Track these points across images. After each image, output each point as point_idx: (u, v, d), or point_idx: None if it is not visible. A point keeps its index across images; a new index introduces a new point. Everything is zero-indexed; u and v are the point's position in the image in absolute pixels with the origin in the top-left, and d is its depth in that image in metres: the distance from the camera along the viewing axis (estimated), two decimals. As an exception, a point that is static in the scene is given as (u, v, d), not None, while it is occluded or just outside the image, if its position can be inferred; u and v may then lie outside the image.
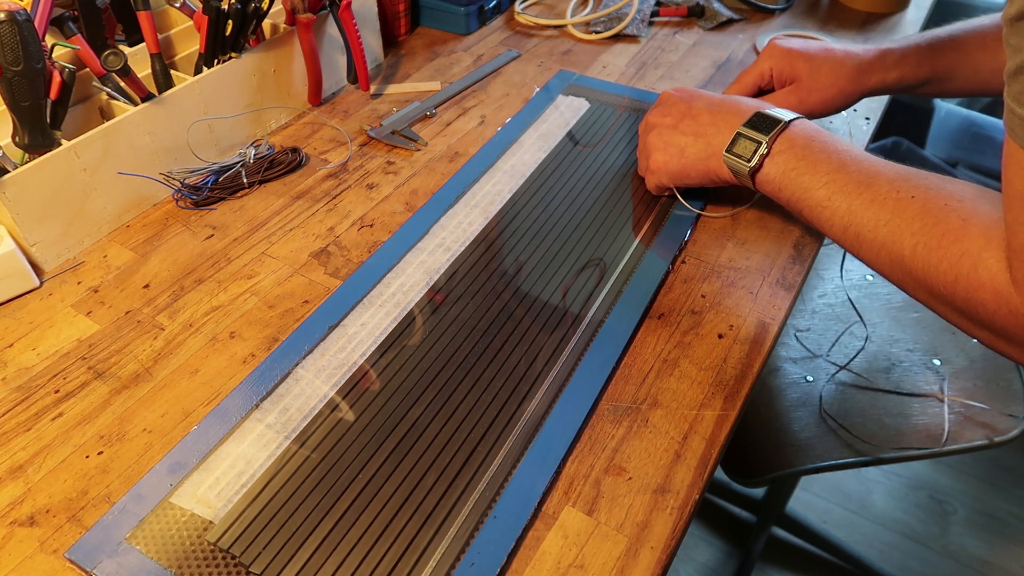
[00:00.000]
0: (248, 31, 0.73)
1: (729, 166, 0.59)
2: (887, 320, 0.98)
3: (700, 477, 0.47)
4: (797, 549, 1.32)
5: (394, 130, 0.78)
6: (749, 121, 0.58)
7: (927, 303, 0.49)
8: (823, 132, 0.56)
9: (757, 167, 0.57)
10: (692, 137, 0.62)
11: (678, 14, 1.00)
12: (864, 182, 0.51)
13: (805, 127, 0.57)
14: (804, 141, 0.55)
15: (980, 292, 0.43)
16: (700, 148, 0.62)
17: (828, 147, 0.55)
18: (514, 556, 0.43)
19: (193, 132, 0.70)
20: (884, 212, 0.49)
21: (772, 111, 0.58)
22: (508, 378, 0.53)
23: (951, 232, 0.45)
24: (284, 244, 0.65)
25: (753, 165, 0.57)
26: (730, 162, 0.59)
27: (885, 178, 0.50)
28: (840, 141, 0.55)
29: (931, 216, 0.46)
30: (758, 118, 0.58)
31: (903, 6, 1.01)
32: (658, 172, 0.65)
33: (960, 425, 0.85)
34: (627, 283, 0.60)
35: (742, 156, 0.58)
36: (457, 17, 0.97)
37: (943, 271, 0.45)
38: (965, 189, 0.47)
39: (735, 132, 0.59)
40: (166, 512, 0.45)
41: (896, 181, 0.50)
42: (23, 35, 0.56)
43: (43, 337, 0.57)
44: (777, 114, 0.58)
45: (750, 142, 0.57)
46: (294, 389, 0.52)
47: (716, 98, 0.64)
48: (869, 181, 0.51)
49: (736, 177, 0.60)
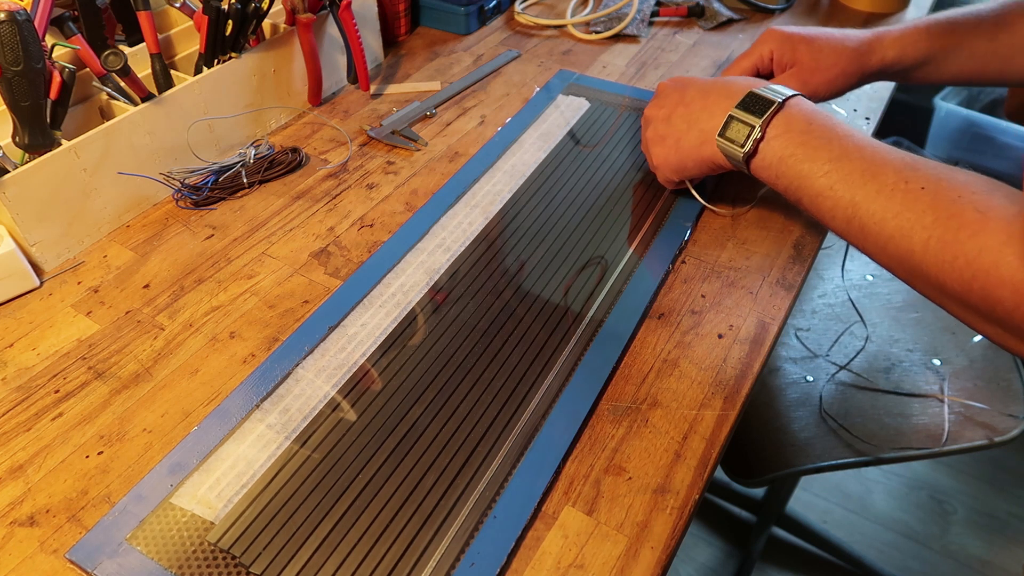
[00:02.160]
0: (248, 31, 0.73)
1: (723, 151, 0.56)
2: (887, 320, 0.98)
3: (700, 477, 0.47)
4: (797, 549, 1.32)
5: (394, 130, 0.78)
6: (742, 102, 0.55)
7: (934, 298, 0.47)
8: (821, 113, 0.53)
9: (751, 152, 0.54)
10: (686, 125, 0.60)
11: (678, 14, 1.00)
12: (869, 171, 0.48)
13: (803, 107, 0.53)
14: (802, 124, 0.52)
15: (999, 290, 0.41)
16: (694, 136, 0.59)
17: (829, 131, 0.51)
18: (514, 556, 0.43)
19: (193, 132, 0.70)
20: (892, 204, 0.46)
21: (766, 90, 0.55)
22: (508, 378, 0.53)
23: (968, 226, 0.42)
24: (284, 244, 0.65)
25: (747, 150, 0.54)
26: (723, 147, 0.56)
27: (892, 167, 0.47)
28: (840, 124, 0.52)
29: (944, 209, 0.44)
30: (751, 99, 0.55)
31: (903, 6, 1.01)
32: (660, 167, 0.64)
33: (960, 425, 0.85)
34: (627, 283, 0.60)
35: (735, 140, 0.54)
36: (457, 17, 0.97)
37: (959, 267, 0.42)
38: (977, 180, 0.45)
39: (727, 115, 0.56)
40: (167, 513, 0.45)
41: (904, 171, 0.47)
42: (23, 35, 0.56)
43: (43, 337, 0.57)
44: (771, 94, 0.54)
45: (743, 125, 0.54)
46: (294, 389, 0.52)
47: (708, 81, 0.61)
48: (875, 170, 0.48)
49: (731, 163, 0.57)
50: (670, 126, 0.61)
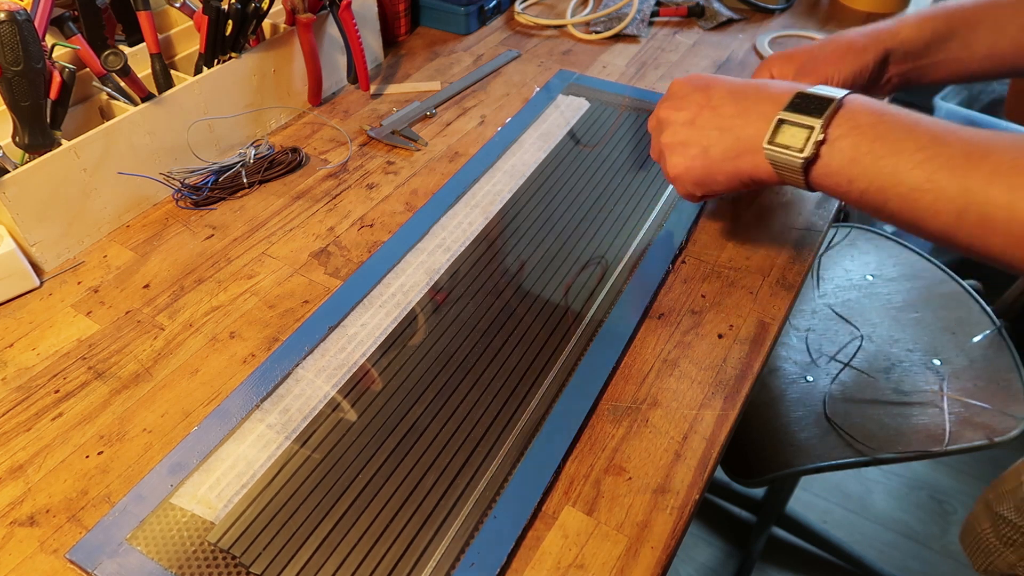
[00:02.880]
0: (248, 31, 0.73)
1: (773, 161, 0.49)
2: (887, 320, 0.98)
3: (700, 477, 0.47)
4: (797, 549, 1.32)
5: (394, 130, 0.78)
6: (792, 104, 0.48)
7: None
8: (886, 104, 0.46)
9: (812, 158, 0.47)
10: (716, 132, 0.52)
11: (678, 14, 1.00)
12: (974, 153, 0.41)
13: (864, 102, 0.47)
14: (870, 117, 0.45)
15: None
16: (727, 145, 0.51)
17: (905, 118, 0.44)
18: (514, 556, 0.43)
19: (193, 132, 0.70)
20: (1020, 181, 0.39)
21: (816, 89, 0.48)
22: (508, 378, 0.53)
23: None
24: (284, 244, 0.65)
25: (807, 155, 0.47)
26: (775, 156, 0.48)
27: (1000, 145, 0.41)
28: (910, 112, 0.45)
29: None
30: (802, 99, 0.48)
31: (903, 6, 1.01)
32: (680, 179, 0.55)
33: (960, 425, 0.85)
34: (627, 283, 0.60)
35: (791, 147, 0.47)
36: (457, 17, 0.97)
37: None
38: None
39: (774, 119, 0.48)
40: (167, 513, 0.45)
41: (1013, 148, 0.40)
42: (23, 35, 0.56)
43: (43, 337, 0.57)
44: (824, 91, 0.47)
45: (798, 128, 0.47)
46: (294, 389, 0.52)
47: (738, 83, 0.53)
48: (981, 151, 0.41)
49: (780, 175, 0.50)
50: (695, 131, 0.53)
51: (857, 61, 0.59)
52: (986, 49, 0.59)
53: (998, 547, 0.65)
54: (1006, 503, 0.65)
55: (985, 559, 0.67)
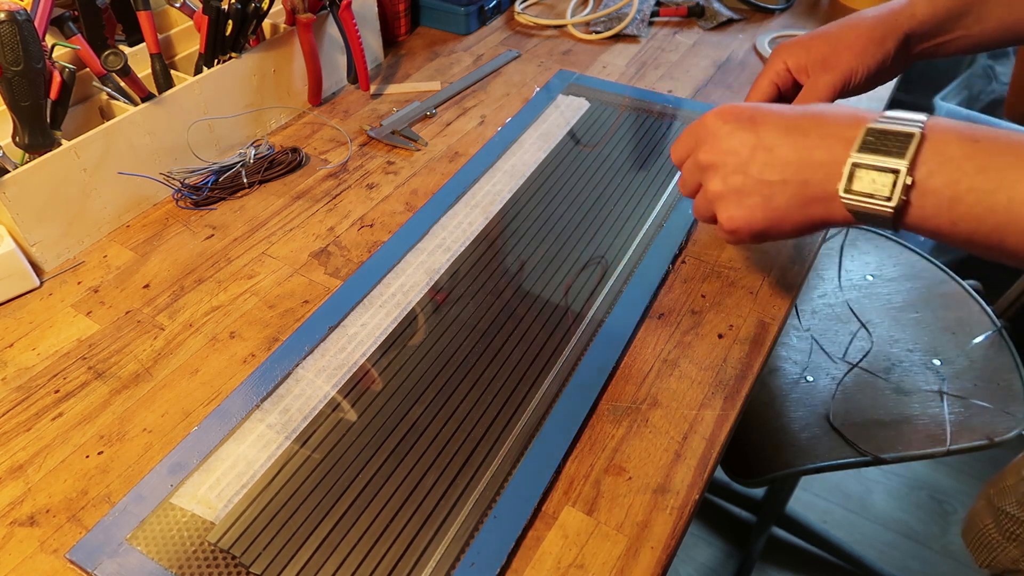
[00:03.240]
0: (248, 31, 0.73)
1: (854, 211, 0.42)
2: (887, 320, 0.98)
3: (700, 477, 0.47)
4: (797, 549, 1.32)
5: (394, 130, 0.78)
6: (865, 144, 0.41)
7: None
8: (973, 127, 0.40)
9: (902, 205, 0.40)
10: (779, 179, 0.45)
11: (678, 14, 1.00)
12: None
13: (949, 128, 0.40)
14: (963, 148, 0.39)
15: None
16: (792, 192, 0.45)
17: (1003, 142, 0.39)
18: (514, 556, 0.43)
19: (193, 132, 0.70)
20: None
21: (888, 123, 0.41)
22: (508, 378, 0.53)
23: None
24: (284, 244, 0.65)
25: (896, 205, 0.40)
26: (856, 207, 0.42)
27: None
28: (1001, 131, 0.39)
29: None
30: (876, 137, 0.41)
31: (903, 6, 1.01)
32: (737, 232, 0.48)
33: (960, 425, 0.85)
34: (627, 283, 0.60)
35: (876, 196, 0.41)
36: (457, 17, 0.97)
37: None
38: None
39: (847, 164, 0.42)
40: (167, 513, 0.45)
41: None
42: (23, 35, 0.56)
43: (43, 337, 0.57)
44: (898, 124, 0.41)
45: (878, 173, 0.40)
46: (294, 389, 0.52)
47: (788, 114, 0.46)
48: None
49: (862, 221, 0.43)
50: (750, 179, 0.46)
51: (880, 51, 0.56)
52: (997, 21, 0.57)
53: (1001, 542, 0.66)
54: (1008, 498, 0.65)
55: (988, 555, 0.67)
